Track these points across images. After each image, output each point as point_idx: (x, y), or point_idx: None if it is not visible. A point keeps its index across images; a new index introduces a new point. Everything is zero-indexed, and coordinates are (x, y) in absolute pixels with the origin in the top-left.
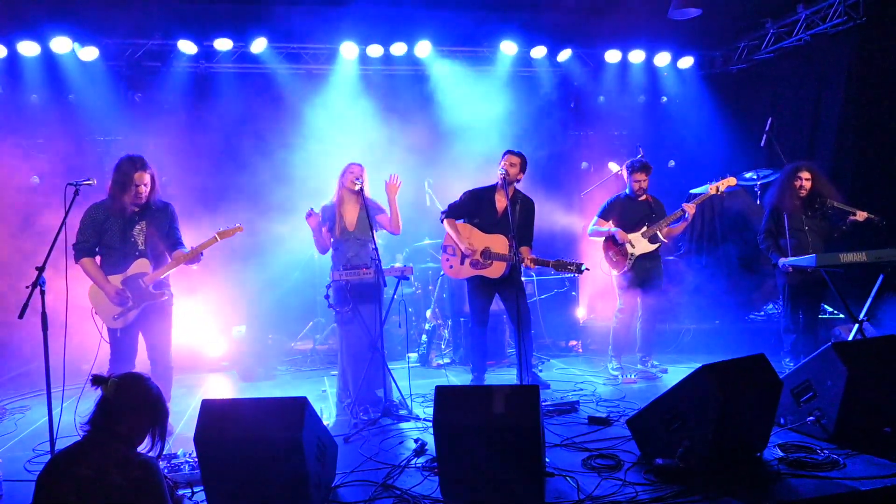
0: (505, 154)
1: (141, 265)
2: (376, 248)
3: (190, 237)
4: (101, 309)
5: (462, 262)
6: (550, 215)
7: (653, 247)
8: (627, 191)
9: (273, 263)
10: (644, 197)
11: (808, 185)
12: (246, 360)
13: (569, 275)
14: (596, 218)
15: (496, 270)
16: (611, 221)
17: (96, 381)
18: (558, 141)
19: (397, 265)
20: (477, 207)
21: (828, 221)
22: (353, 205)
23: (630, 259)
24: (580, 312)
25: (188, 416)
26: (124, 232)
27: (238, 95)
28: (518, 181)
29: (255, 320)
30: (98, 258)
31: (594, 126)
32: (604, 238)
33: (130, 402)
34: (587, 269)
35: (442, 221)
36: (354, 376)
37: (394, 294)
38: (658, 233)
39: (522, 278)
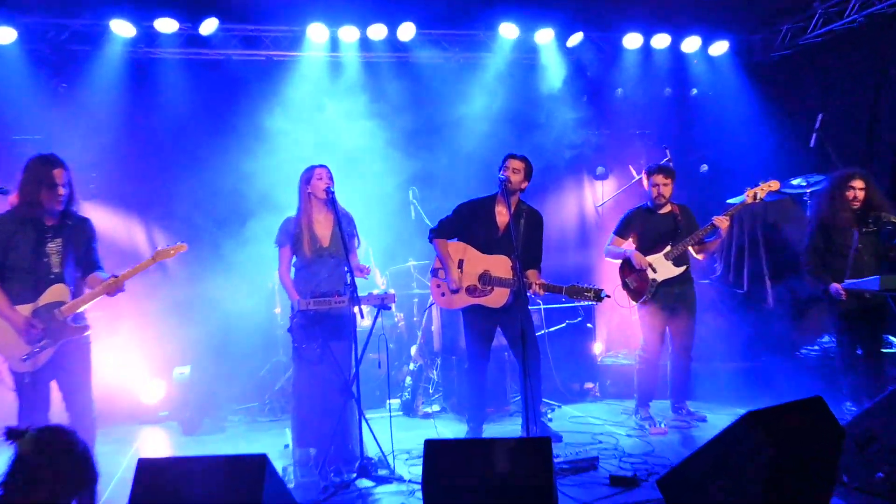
0: (506, 158)
1: (57, 292)
2: (351, 271)
3: (119, 260)
4: (4, 348)
5: (457, 290)
6: (561, 232)
7: (678, 270)
8: (649, 200)
9: (224, 290)
10: (668, 208)
11: (861, 195)
12: (190, 408)
13: (585, 303)
14: (612, 236)
15: (497, 298)
16: (630, 240)
17: (10, 434)
18: (569, 142)
19: (376, 292)
20: (473, 223)
21: (881, 238)
22: (326, 215)
23: (651, 286)
24: (597, 348)
25: (118, 479)
26: (37, 250)
27: (185, 87)
28: (522, 190)
29: (202, 360)
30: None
31: (611, 124)
32: (621, 259)
33: (52, 461)
34: (607, 296)
35: (431, 241)
36: (320, 428)
37: (372, 327)
38: (689, 249)
39: (529, 307)
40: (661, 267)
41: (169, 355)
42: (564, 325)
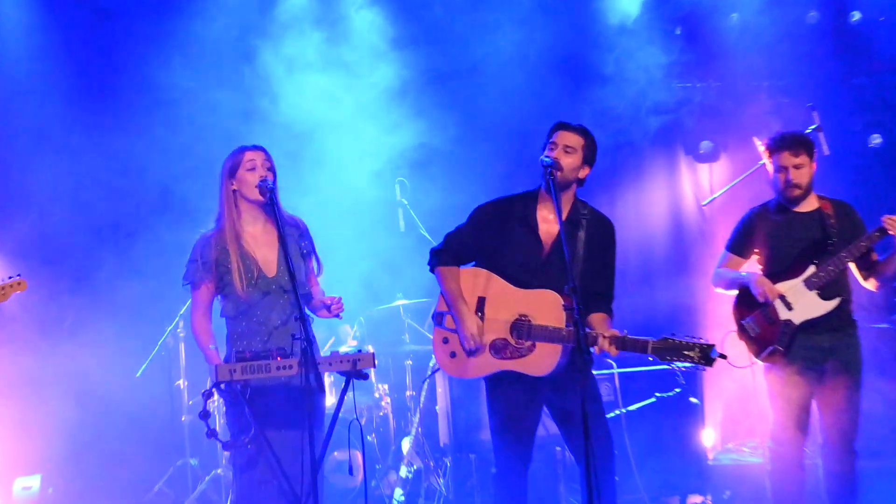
0: (554, 130)
1: None
2: (302, 314)
3: None
4: None
5: (471, 351)
6: (644, 249)
7: (828, 305)
8: (777, 195)
9: (96, 351)
10: (810, 204)
11: None
12: None
13: (686, 366)
14: (724, 253)
15: (542, 361)
16: (752, 259)
17: None
18: (654, 103)
19: (345, 349)
20: (501, 238)
21: None
22: (265, 226)
23: (784, 333)
24: (708, 438)
25: None
26: None
27: (33, 29)
28: (581, 182)
29: (61, 465)
30: None
31: (721, 72)
32: (736, 290)
33: None
34: (722, 355)
35: (433, 270)
36: None
37: (337, 408)
38: (851, 270)
39: (594, 374)
40: (800, 301)
41: (8, 460)
42: (653, 400)
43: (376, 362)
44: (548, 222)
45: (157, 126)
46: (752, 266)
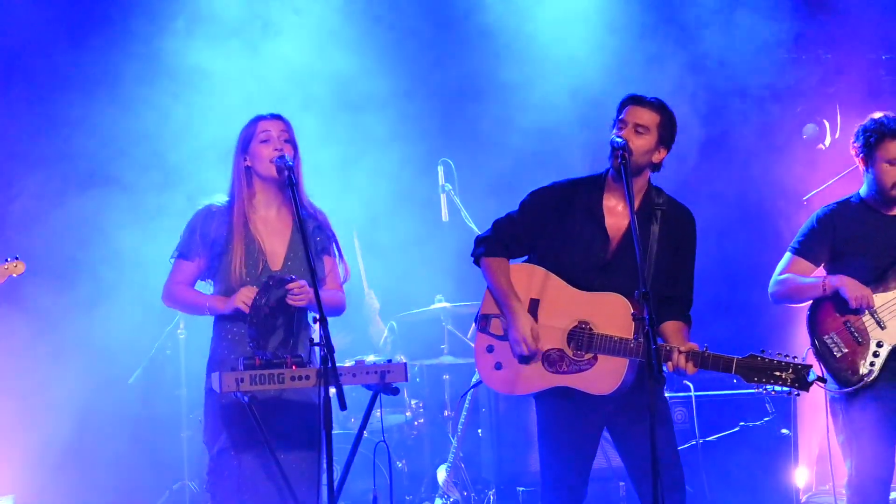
0: (625, 104)
1: None
2: (324, 318)
3: None
4: None
5: (524, 358)
6: (730, 248)
7: None
8: (864, 188)
9: (81, 355)
10: None
11: None
12: None
13: (777, 390)
14: (788, 255)
15: (605, 376)
16: (822, 265)
17: None
18: (750, 76)
19: (371, 358)
20: (559, 229)
21: None
22: (280, 211)
23: (876, 352)
24: (800, 479)
25: None
26: None
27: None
28: (656, 167)
29: (36, 486)
30: None
31: (835, 43)
32: (808, 300)
33: None
34: (821, 379)
35: (477, 262)
36: None
37: (361, 428)
38: None
39: (667, 396)
40: (894, 321)
41: None
42: (737, 429)
43: (407, 375)
44: (615, 214)
45: (169, 100)
46: (817, 273)
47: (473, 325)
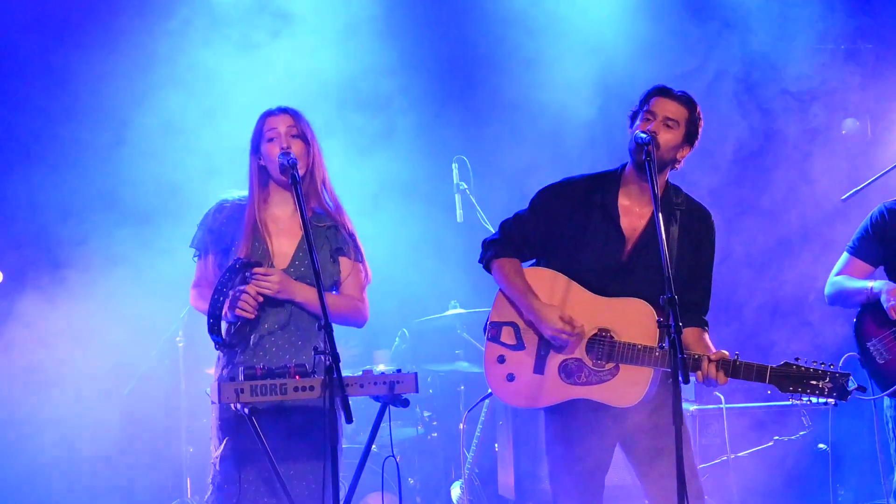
0: (652, 96)
1: None
2: (329, 325)
3: None
4: None
5: (539, 366)
6: (758, 251)
7: None
8: None
9: (79, 371)
10: None
11: None
12: None
13: (814, 402)
14: (845, 256)
15: (628, 388)
16: (878, 267)
17: None
18: (790, 68)
19: (381, 368)
20: (572, 230)
21: None
22: (294, 212)
23: None
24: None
25: None
26: None
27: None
28: (677, 164)
29: None
30: None
31: (881, 33)
32: (856, 305)
33: None
34: (860, 388)
35: (485, 265)
36: None
37: (370, 439)
38: None
39: (695, 407)
40: None
41: None
42: (771, 444)
43: (418, 386)
44: (631, 214)
45: (176, 101)
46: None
47: (484, 332)
